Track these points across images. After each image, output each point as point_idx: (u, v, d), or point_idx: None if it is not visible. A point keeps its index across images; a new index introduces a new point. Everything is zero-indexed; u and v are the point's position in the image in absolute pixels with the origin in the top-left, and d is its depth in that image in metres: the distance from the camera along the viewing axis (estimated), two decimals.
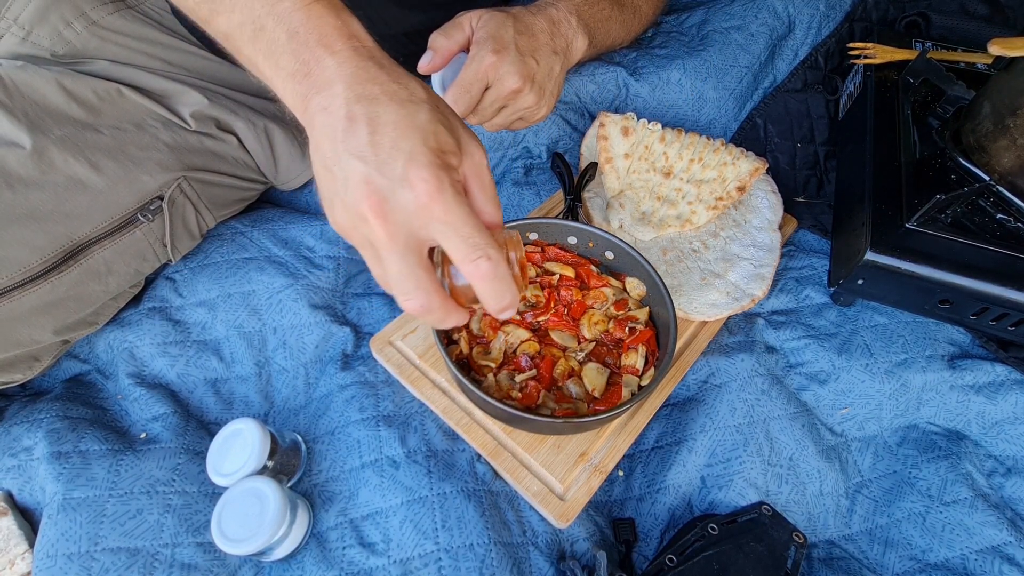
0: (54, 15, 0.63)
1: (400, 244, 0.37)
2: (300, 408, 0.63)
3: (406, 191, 0.36)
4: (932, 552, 0.58)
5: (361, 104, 0.37)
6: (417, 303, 0.39)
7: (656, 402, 0.62)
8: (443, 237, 0.37)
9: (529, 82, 0.62)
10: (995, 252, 0.60)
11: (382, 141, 0.37)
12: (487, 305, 0.40)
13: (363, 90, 0.38)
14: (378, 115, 0.37)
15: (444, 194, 0.37)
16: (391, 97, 0.38)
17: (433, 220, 0.37)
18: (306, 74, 0.39)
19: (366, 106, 0.37)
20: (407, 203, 0.36)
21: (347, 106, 0.37)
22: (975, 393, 0.63)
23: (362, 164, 0.36)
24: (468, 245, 0.37)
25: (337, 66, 0.38)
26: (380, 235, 0.37)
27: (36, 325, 0.57)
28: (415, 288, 0.38)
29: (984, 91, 0.66)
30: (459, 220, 0.37)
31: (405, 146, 0.37)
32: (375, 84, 0.38)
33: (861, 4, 0.92)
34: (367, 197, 0.36)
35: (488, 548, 0.52)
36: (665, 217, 0.73)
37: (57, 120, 0.58)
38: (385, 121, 0.37)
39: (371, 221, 0.36)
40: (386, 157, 0.36)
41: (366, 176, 0.36)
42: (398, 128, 0.37)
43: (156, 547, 0.52)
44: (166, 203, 0.63)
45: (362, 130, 0.37)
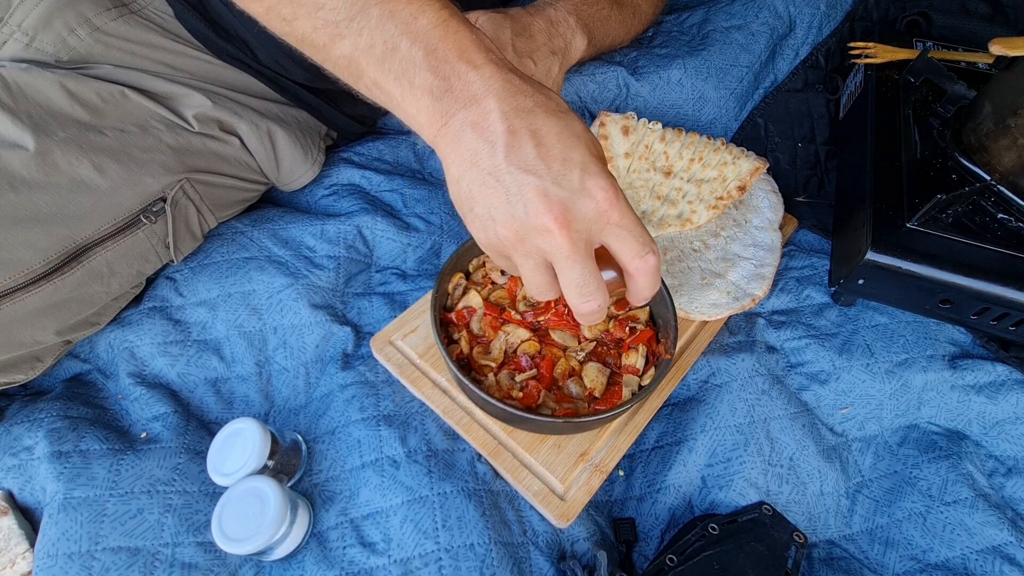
0: (58, 21, 0.63)
1: (581, 251, 0.39)
2: (300, 408, 0.63)
3: (586, 200, 0.38)
4: (933, 552, 0.57)
5: (519, 118, 0.38)
6: (596, 303, 0.41)
7: (656, 402, 0.62)
8: (618, 239, 0.40)
9: None
10: (996, 252, 0.60)
11: (551, 154, 0.38)
12: (642, 295, 0.43)
13: (517, 103, 0.38)
14: (539, 128, 0.38)
15: (620, 199, 0.39)
16: (545, 109, 0.39)
17: (610, 224, 0.39)
18: (447, 90, 0.39)
19: (524, 120, 0.38)
20: (588, 211, 0.38)
21: (505, 120, 0.38)
22: (976, 393, 0.63)
23: (535, 177, 0.37)
24: (641, 243, 0.40)
25: (483, 80, 0.39)
26: (564, 245, 0.38)
27: (38, 326, 0.57)
28: (596, 289, 0.40)
29: (985, 91, 0.66)
30: (632, 222, 0.40)
31: (576, 156, 0.38)
32: (526, 97, 0.39)
33: (862, 3, 0.92)
34: (549, 209, 0.37)
35: (488, 548, 0.52)
36: (665, 216, 0.73)
37: (60, 122, 0.58)
38: (546, 133, 0.38)
39: (555, 232, 0.38)
40: (560, 168, 0.38)
41: (542, 189, 0.37)
42: (562, 139, 0.38)
43: (157, 547, 0.52)
44: (169, 204, 0.64)
45: (527, 143, 0.38)
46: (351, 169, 0.80)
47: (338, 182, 0.79)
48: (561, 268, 0.40)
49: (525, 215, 0.38)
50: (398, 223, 0.75)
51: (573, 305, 0.41)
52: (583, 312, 0.42)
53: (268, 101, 0.74)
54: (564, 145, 0.38)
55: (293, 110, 0.76)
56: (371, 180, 0.79)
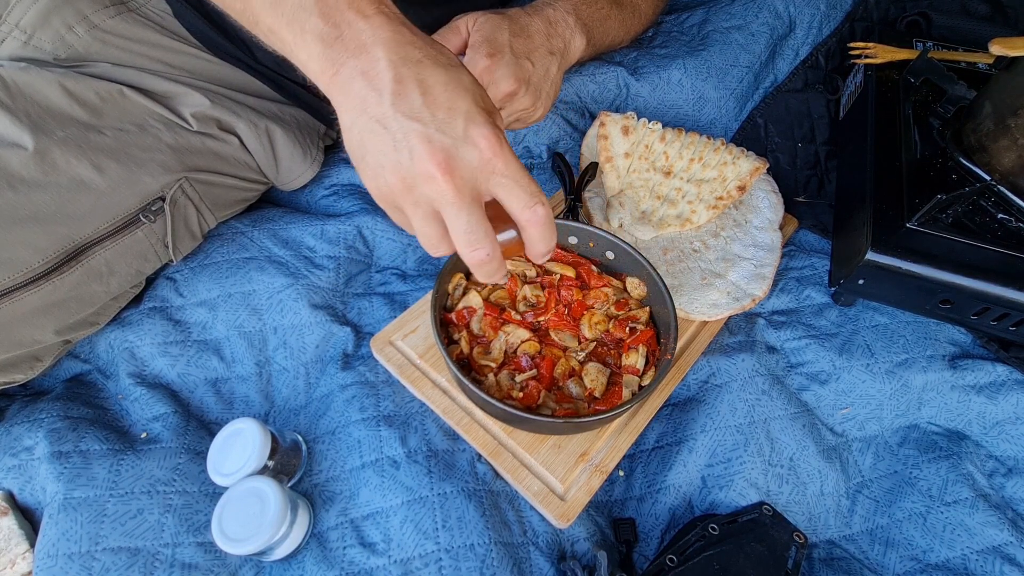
0: (56, 19, 0.63)
1: (467, 199, 0.39)
2: (300, 408, 0.63)
3: (470, 148, 0.39)
4: (933, 552, 0.58)
5: (407, 67, 0.38)
6: (484, 251, 0.41)
7: (657, 402, 0.62)
8: (504, 189, 0.40)
9: (524, 84, 0.62)
10: (996, 252, 0.60)
11: (437, 102, 0.38)
12: (538, 249, 0.43)
13: (406, 53, 0.39)
14: (425, 77, 0.38)
15: (504, 148, 0.39)
16: (434, 61, 0.39)
17: (495, 174, 0.40)
18: (337, 37, 0.39)
19: (412, 69, 0.38)
20: (472, 159, 0.39)
21: (393, 69, 0.38)
22: (976, 393, 0.63)
23: (420, 124, 0.38)
24: (528, 193, 0.40)
25: (372, 30, 0.39)
26: (448, 191, 0.38)
27: (37, 325, 0.57)
28: (484, 237, 0.40)
29: (985, 91, 0.66)
30: (518, 172, 0.40)
31: (461, 106, 0.39)
32: (415, 48, 0.39)
33: (862, 4, 0.92)
34: (431, 155, 0.38)
35: (488, 548, 0.52)
36: (665, 216, 0.73)
37: (59, 121, 0.58)
38: (434, 83, 0.39)
39: (439, 178, 0.38)
40: (444, 116, 0.38)
41: (426, 135, 0.38)
42: (448, 89, 0.39)
43: (157, 547, 0.52)
44: (168, 204, 0.63)
45: (413, 92, 0.38)
46: (351, 169, 0.80)
47: (338, 182, 0.79)
48: (447, 216, 0.40)
49: (410, 162, 0.38)
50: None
51: (463, 254, 0.41)
52: (473, 262, 0.42)
53: (267, 100, 0.74)
54: (450, 94, 0.39)
55: (292, 109, 0.76)
56: None
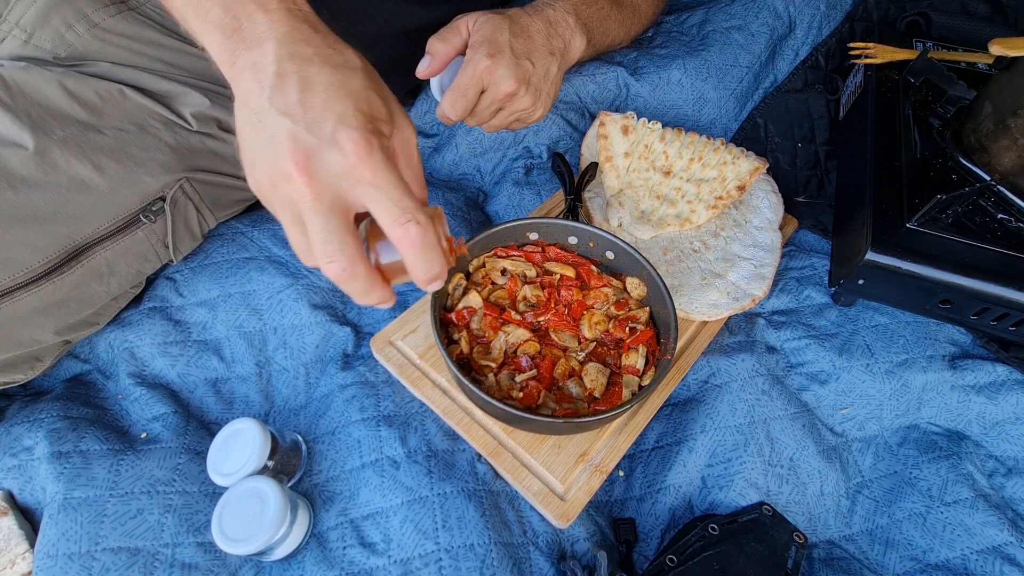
0: (56, 18, 0.63)
1: (326, 204, 0.37)
2: (300, 408, 0.63)
3: (334, 151, 0.36)
4: (933, 552, 0.58)
5: (293, 63, 0.37)
6: (339, 267, 0.38)
7: (657, 402, 0.62)
8: (372, 200, 0.37)
9: (524, 85, 0.62)
10: (996, 252, 0.60)
11: (313, 100, 0.37)
12: (415, 275, 0.39)
13: (296, 49, 0.38)
14: (310, 75, 0.37)
15: (373, 156, 0.36)
16: (325, 60, 0.38)
17: (361, 182, 0.37)
18: (236, 29, 0.39)
19: (298, 65, 0.37)
20: (335, 163, 0.36)
21: (278, 63, 0.37)
22: (976, 393, 0.63)
23: (289, 121, 0.36)
24: (398, 208, 0.37)
25: (270, 24, 0.38)
26: (304, 193, 0.36)
27: (38, 325, 0.57)
28: (338, 250, 0.37)
29: (985, 91, 0.66)
30: (388, 183, 0.37)
31: (336, 107, 0.37)
32: (308, 45, 0.38)
33: (862, 4, 0.92)
34: (292, 153, 0.36)
35: (488, 548, 0.52)
36: (664, 216, 0.73)
37: (59, 121, 0.58)
38: (317, 82, 0.37)
39: (296, 178, 0.36)
40: (316, 116, 0.36)
41: (293, 133, 0.36)
42: (330, 90, 0.37)
43: (157, 547, 0.52)
44: (168, 204, 0.63)
45: (292, 88, 0.37)
46: None
47: None
48: (306, 220, 0.37)
49: (274, 158, 0.37)
50: None
51: (320, 266, 0.38)
52: (330, 275, 0.38)
53: None
54: (329, 95, 0.37)
55: None
56: None
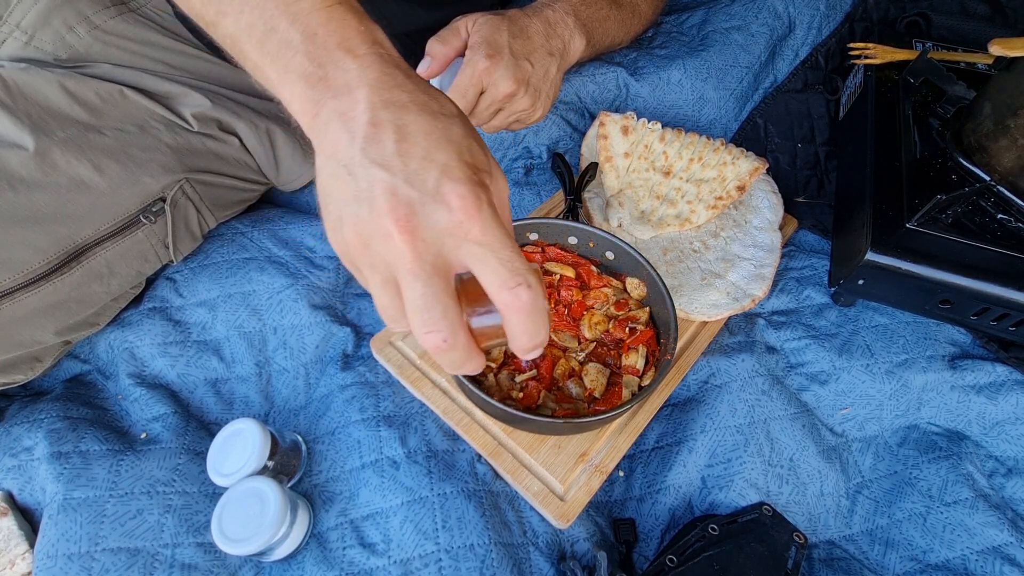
0: (56, 20, 0.63)
1: (427, 266, 0.33)
2: (300, 408, 0.63)
3: (439, 207, 0.32)
4: (933, 553, 0.58)
5: (388, 111, 0.34)
6: (440, 337, 0.34)
7: (657, 402, 0.62)
8: (478, 260, 0.33)
9: (523, 85, 0.62)
10: (996, 252, 0.60)
11: (412, 151, 0.33)
12: (519, 343, 0.35)
13: (390, 96, 0.34)
14: (407, 123, 0.34)
15: (482, 212, 0.33)
16: (421, 107, 0.35)
17: (468, 241, 0.33)
18: (321, 78, 0.36)
19: (394, 113, 0.34)
20: (440, 220, 0.32)
21: (371, 111, 0.33)
22: (976, 393, 0.63)
23: (387, 173, 0.32)
24: (508, 270, 0.33)
25: (359, 70, 0.35)
26: (404, 253, 0.32)
27: (38, 326, 0.57)
28: (441, 318, 0.33)
29: (985, 91, 0.66)
30: (498, 242, 0.33)
31: (439, 158, 0.33)
32: (403, 91, 0.35)
33: (861, 4, 0.92)
34: (392, 210, 0.32)
35: (488, 548, 0.52)
36: (664, 216, 0.73)
37: (60, 121, 0.58)
38: (415, 130, 0.34)
39: (396, 237, 0.32)
40: (417, 167, 0.33)
41: (391, 186, 0.32)
42: (430, 139, 0.34)
43: (156, 547, 0.52)
44: (168, 204, 0.64)
45: (388, 137, 0.33)
46: None
47: None
48: (403, 283, 0.33)
49: (369, 215, 0.33)
50: None
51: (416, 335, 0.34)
52: (427, 345, 0.34)
53: (267, 101, 0.74)
54: (429, 144, 0.33)
55: None
56: None
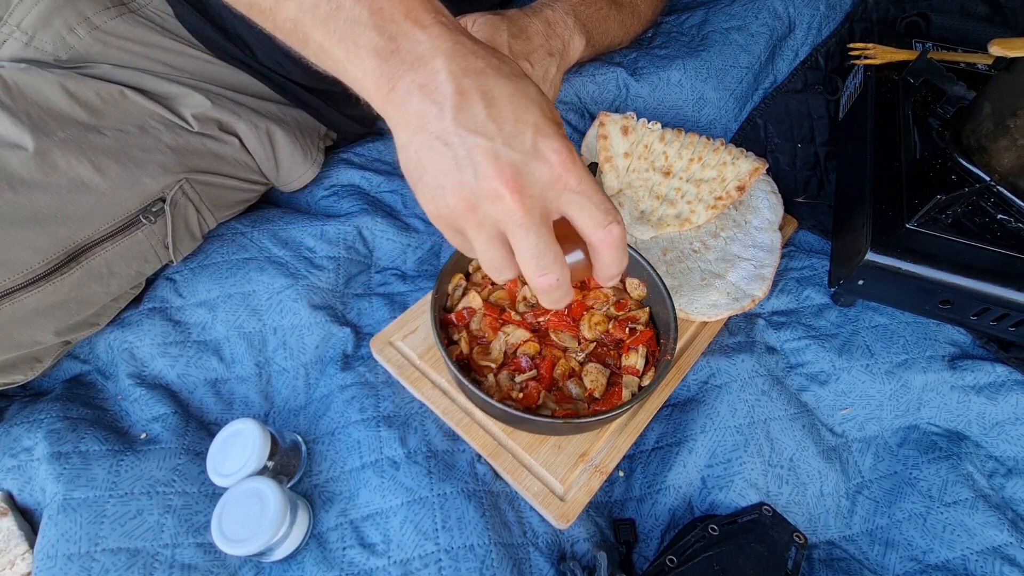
0: (57, 20, 0.63)
1: (536, 218, 0.37)
2: (300, 408, 0.63)
3: (540, 164, 0.36)
4: (933, 553, 0.57)
5: (470, 78, 0.36)
6: (555, 276, 0.38)
7: (657, 402, 0.62)
8: (577, 207, 0.38)
9: None
10: (996, 252, 0.60)
11: (502, 115, 0.36)
12: (608, 272, 0.40)
13: (468, 64, 0.36)
14: (490, 89, 0.36)
15: (576, 164, 0.37)
16: (498, 72, 0.37)
17: (567, 191, 0.37)
18: (393, 51, 0.37)
19: (475, 80, 0.36)
20: (542, 175, 0.36)
21: (454, 80, 0.36)
22: (976, 394, 0.63)
23: (485, 139, 0.35)
24: (602, 211, 0.38)
25: (431, 40, 0.37)
26: (516, 210, 0.36)
27: (37, 326, 0.57)
28: (553, 261, 0.38)
29: (984, 91, 0.66)
30: (591, 188, 0.38)
31: (529, 118, 0.36)
32: (478, 58, 0.37)
33: (861, 4, 0.92)
34: (499, 173, 0.35)
35: (488, 549, 0.52)
36: (664, 216, 0.73)
37: (60, 122, 0.58)
38: (499, 95, 0.36)
39: (507, 197, 0.36)
40: (512, 130, 0.36)
41: (493, 151, 0.35)
42: (514, 101, 0.36)
43: (156, 548, 0.52)
44: (168, 205, 0.64)
45: (477, 104, 0.36)
46: (351, 170, 0.80)
47: (338, 183, 0.79)
48: (515, 237, 0.37)
49: (475, 180, 0.36)
50: (398, 224, 0.75)
51: (530, 279, 0.39)
52: (541, 287, 0.39)
53: (267, 101, 0.74)
54: (516, 106, 0.36)
55: (292, 110, 0.76)
56: (371, 181, 0.79)
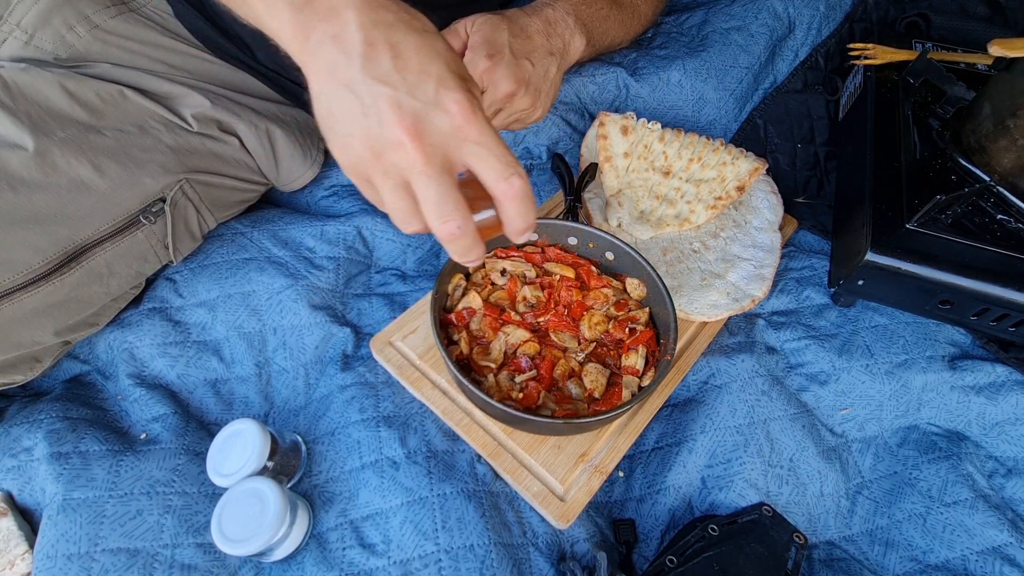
0: (57, 19, 0.63)
1: (436, 166, 0.37)
2: (300, 409, 0.63)
3: (440, 113, 0.37)
4: (933, 553, 0.58)
5: (378, 30, 0.37)
6: (455, 224, 0.38)
7: (656, 403, 0.62)
8: (477, 158, 0.38)
9: (524, 85, 0.62)
10: (996, 253, 0.60)
11: (407, 65, 0.37)
12: (515, 225, 0.40)
13: (378, 16, 0.38)
14: (398, 41, 0.37)
15: (477, 115, 0.38)
16: (408, 25, 0.38)
17: (467, 141, 0.38)
18: (307, 2, 0.38)
19: (384, 32, 0.37)
20: (442, 124, 0.37)
21: (363, 31, 0.37)
22: (975, 394, 0.63)
23: (389, 88, 0.36)
24: (503, 163, 0.38)
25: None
26: (416, 158, 0.37)
27: (37, 326, 0.57)
28: (454, 208, 0.38)
29: (984, 92, 0.66)
30: (492, 140, 0.38)
31: (433, 70, 0.37)
32: (387, 11, 0.38)
33: (861, 5, 0.92)
34: (400, 120, 0.36)
35: (488, 549, 0.52)
36: (664, 216, 0.73)
37: (60, 122, 0.58)
38: (406, 47, 0.37)
39: (407, 144, 0.36)
40: (415, 80, 0.37)
41: (396, 99, 0.36)
42: (421, 53, 0.37)
43: (156, 548, 0.52)
44: (168, 205, 0.64)
45: (384, 55, 0.37)
46: None
47: (338, 183, 0.79)
48: (417, 185, 0.38)
49: (379, 128, 0.37)
50: None
51: (432, 227, 0.39)
52: (443, 235, 0.39)
53: (267, 101, 0.74)
54: (422, 58, 0.37)
55: (292, 110, 0.76)
56: None
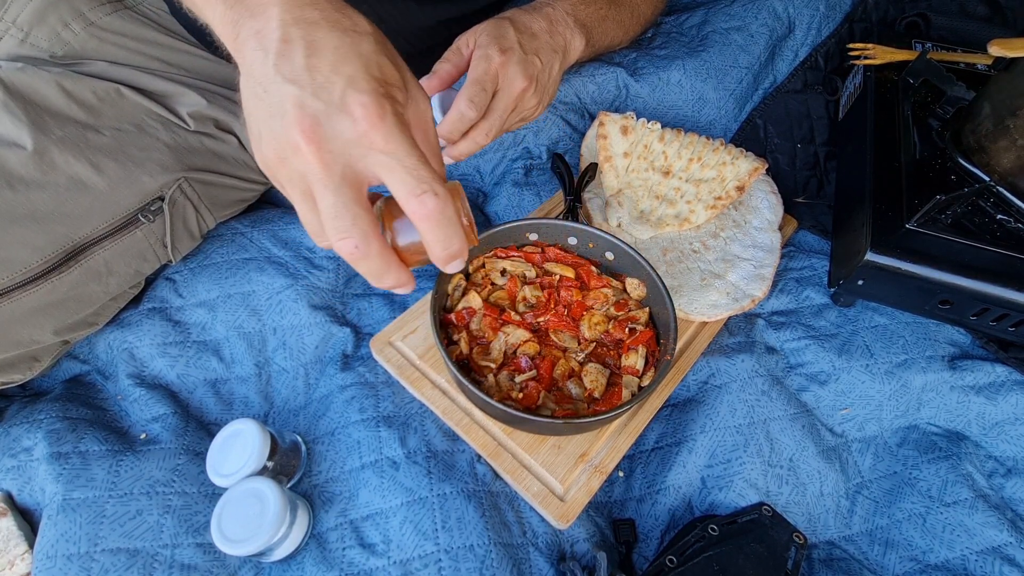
0: (52, 16, 0.63)
1: (336, 176, 0.34)
2: (300, 409, 0.63)
3: (343, 117, 0.34)
4: (932, 553, 0.58)
5: (299, 27, 0.35)
6: (352, 243, 0.35)
7: (656, 403, 0.62)
8: (385, 169, 0.35)
9: (533, 82, 0.62)
10: (995, 252, 0.60)
11: (319, 65, 0.35)
12: (433, 252, 0.37)
13: (301, 14, 0.36)
14: (317, 39, 0.35)
15: (385, 121, 0.34)
16: (333, 24, 0.36)
17: (373, 150, 0.34)
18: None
19: (304, 29, 0.35)
20: (345, 130, 0.34)
21: (282, 28, 0.35)
22: (975, 394, 0.63)
23: (295, 87, 0.34)
24: (413, 177, 0.35)
25: None
26: (313, 164, 0.34)
27: (36, 325, 0.57)
28: (351, 225, 0.35)
29: (984, 92, 0.66)
30: (403, 150, 0.35)
31: (345, 71, 0.35)
32: (315, 9, 0.36)
33: (861, 5, 0.92)
34: (299, 122, 0.34)
35: (488, 549, 0.52)
36: (664, 216, 0.73)
37: (58, 121, 0.58)
38: (324, 46, 0.35)
39: (303, 148, 0.34)
40: (323, 81, 0.34)
41: (299, 100, 0.34)
42: (337, 53, 0.35)
43: (156, 548, 0.52)
44: (167, 204, 0.63)
45: (298, 53, 0.35)
46: None
47: None
48: (315, 194, 0.35)
49: (281, 129, 0.34)
50: None
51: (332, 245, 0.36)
52: (343, 253, 0.36)
53: None
54: (337, 58, 0.35)
55: None
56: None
